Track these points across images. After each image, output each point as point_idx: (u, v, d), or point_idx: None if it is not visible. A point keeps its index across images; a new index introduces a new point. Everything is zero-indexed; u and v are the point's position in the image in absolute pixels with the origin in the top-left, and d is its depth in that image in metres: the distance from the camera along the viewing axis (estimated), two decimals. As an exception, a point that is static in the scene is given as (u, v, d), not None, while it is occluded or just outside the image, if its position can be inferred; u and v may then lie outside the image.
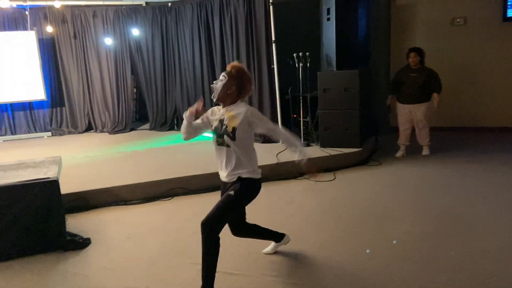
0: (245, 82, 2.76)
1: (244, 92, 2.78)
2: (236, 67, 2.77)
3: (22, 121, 8.91)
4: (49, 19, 8.48)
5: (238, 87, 2.73)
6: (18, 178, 3.59)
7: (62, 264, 3.32)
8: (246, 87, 2.77)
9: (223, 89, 2.73)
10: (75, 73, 9.02)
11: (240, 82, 2.73)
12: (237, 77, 2.74)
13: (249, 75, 2.80)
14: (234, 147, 2.70)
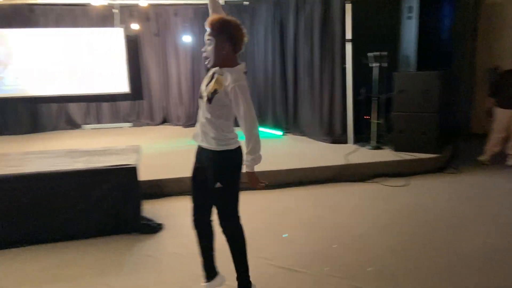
0: (234, 32, 2.34)
1: (238, 44, 2.37)
2: (215, 21, 2.34)
3: (106, 112, 9.62)
4: (135, 17, 9.06)
5: (230, 41, 2.34)
6: (103, 163, 3.89)
7: (137, 245, 3.54)
8: (236, 36, 2.35)
9: (217, 53, 2.35)
10: (155, 69, 9.54)
11: (228, 34, 2.33)
12: (222, 31, 2.33)
13: (234, 21, 2.36)
14: (209, 109, 2.39)
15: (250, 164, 2.38)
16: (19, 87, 8.78)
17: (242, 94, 2.30)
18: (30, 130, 9.00)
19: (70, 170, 3.69)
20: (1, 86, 8.69)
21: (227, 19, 2.36)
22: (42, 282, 2.97)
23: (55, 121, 9.31)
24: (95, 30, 9.02)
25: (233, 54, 2.39)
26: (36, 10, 8.75)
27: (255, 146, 2.36)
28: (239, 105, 2.31)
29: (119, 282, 2.94)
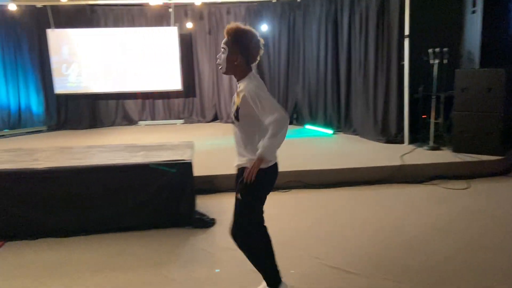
0: (248, 44, 2.26)
1: (253, 55, 2.30)
2: (231, 30, 2.28)
3: (160, 109, 9.94)
4: (189, 16, 9.29)
5: (243, 53, 2.27)
6: (160, 157, 4.02)
7: (191, 239, 3.62)
8: (250, 48, 2.27)
9: (228, 62, 2.31)
10: (207, 67, 9.72)
11: (242, 46, 2.26)
12: (236, 42, 2.27)
13: (250, 32, 2.28)
14: (239, 127, 2.37)
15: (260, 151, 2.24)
16: (82, 85, 9.28)
17: (256, 93, 2.22)
18: (90, 125, 9.49)
19: (129, 163, 3.84)
20: (65, 83, 9.22)
21: (243, 29, 2.30)
22: (102, 269, 3.11)
23: (113, 117, 9.76)
24: (150, 29, 9.33)
25: (246, 65, 2.32)
26: (98, 11, 9.20)
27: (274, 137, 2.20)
28: (257, 106, 2.21)
29: (175, 273, 3.02)
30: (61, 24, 9.01)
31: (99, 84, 9.35)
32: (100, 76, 9.34)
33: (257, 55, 2.33)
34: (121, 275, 3.03)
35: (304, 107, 8.69)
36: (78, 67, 9.22)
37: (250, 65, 2.34)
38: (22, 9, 8.51)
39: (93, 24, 9.21)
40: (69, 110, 9.54)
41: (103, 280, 2.94)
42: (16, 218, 3.68)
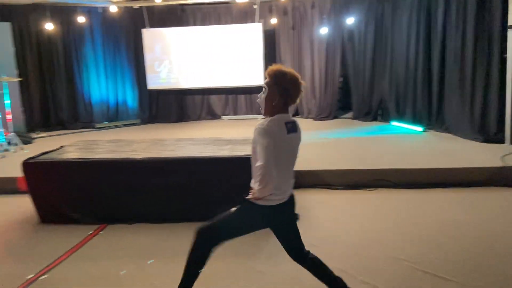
0: (287, 86, 2.27)
1: (292, 98, 2.30)
2: (271, 72, 2.31)
3: (242, 104, 10.18)
4: (273, 12, 9.37)
5: (283, 95, 2.27)
6: (246, 151, 4.10)
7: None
8: (290, 90, 2.28)
9: (267, 103, 2.31)
10: (289, 62, 9.72)
11: (282, 88, 2.26)
12: (276, 84, 2.28)
13: (291, 75, 2.29)
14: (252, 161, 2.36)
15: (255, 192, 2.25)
16: (171, 81, 9.84)
17: (260, 136, 2.19)
18: (177, 119, 10.04)
19: (218, 156, 3.99)
20: (157, 79, 9.85)
21: (284, 71, 2.30)
22: (193, 256, 3.28)
23: (198, 111, 10.21)
24: (236, 26, 9.57)
25: (282, 106, 2.31)
26: (187, 10, 9.67)
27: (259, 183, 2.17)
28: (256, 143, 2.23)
29: (261, 265, 3.09)
30: (155, 23, 9.62)
31: (187, 80, 9.84)
32: (188, 72, 9.82)
33: (295, 98, 2.32)
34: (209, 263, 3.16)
35: (391, 103, 8.32)
36: (169, 64, 9.79)
37: (287, 107, 2.33)
38: (121, 11, 9.23)
39: (183, 23, 9.71)
40: (160, 105, 10.19)
41: (193, 266, 3.10)
42: (117, 204, 4.02)
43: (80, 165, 4.02)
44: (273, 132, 2.20)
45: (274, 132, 2.21)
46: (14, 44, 8.48)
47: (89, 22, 9.31)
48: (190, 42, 9.66)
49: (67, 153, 4.37)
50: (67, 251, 3.41)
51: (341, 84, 9.98)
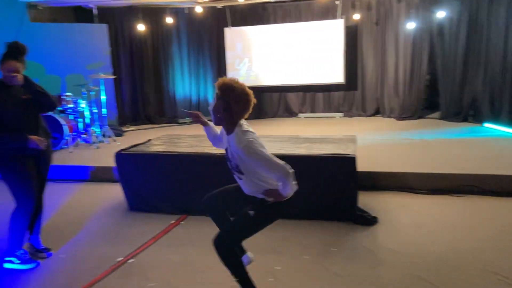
0: (231, 102, 2.24)
1: (235, 115, 2.28)
2: (220, 85, 2.27)
3: (320, 101, 10.05)
4: (356, 8, 9.10)
5: (226, 109, 2.26)
6: (323, 150, 4.06)
7: (352, 235, 3.57)
8: (233, 108, 2.25)
9: (214, 114, 2.33)
10: (371, 59, 9.40)
11: (225, 103, 2.25)
12: (222, 97, 2.27)
13: (239, 91, 2.25)
14: (247, 176, 2.38)
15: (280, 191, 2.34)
16: (250, 78, 10.01)
17: (251, 149, 2.23)
18: (254, 116, 10.19)
19: (294, 154, 3.98)
20: (237, 77, 10.02)
21: (232, 87, 2.27)
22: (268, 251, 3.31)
23: (275, 108, 10.28)
24: (316, 23, 9.46)
25: (230, 119, 2.32)
26: (268, 8, 9.76)
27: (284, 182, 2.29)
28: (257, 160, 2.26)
29: (337, 267, 3.02)
30: (236, 22, 9.86)
31: (265, 77, 9.96)
32: (266, 69, 9.93)
33: (242, 114, 2.32)
34: (285, 260, 3.17)
35: (484, 103, 7.66)
36: (249, 62, 9.98)
37: (234, 122, 2.33)
38: (205, 11, 9.59)
39: (264, 21, 9.82)
40: (238, 102, 10.43)
41: (268, 262, 3.13)
42: (197, 196, 4.18)
43: (165, 157, 4.26)
44: (256, 140, 2.28)
45: (256, 139, 2.29)
46: (110, 44, 9.23)
47: (176, 22, 9.82)
48: (270, 40, 9.75)
49: (153, 146, 4.66)
50: (151, 238, 3.64)
51: (428, 82, 9.41)
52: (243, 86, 2.33)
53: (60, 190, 5.18)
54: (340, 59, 9.36)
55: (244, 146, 2.24)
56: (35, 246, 3.35)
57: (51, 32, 8.33)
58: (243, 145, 2.24)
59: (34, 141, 3.01)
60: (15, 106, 3.03)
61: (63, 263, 3.24)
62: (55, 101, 3.27)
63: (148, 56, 10.06)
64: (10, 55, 3.00)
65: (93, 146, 7.14)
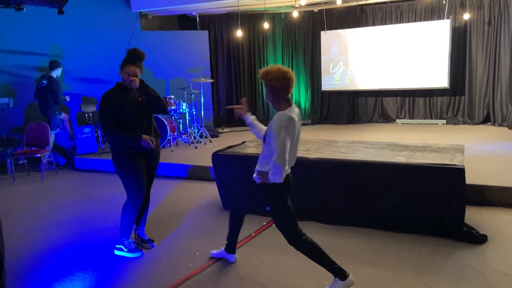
0: (271, 82, 2.65)
1: (280, 91, 2.66)
2: (260, 74, 2.70)
3: (420, 107, 9.44)
4: (465, 7, 8.40)
5: (273, 91, 2.68)
6: (425, 159, 3.79)
7: (457, 253, 3.27)
8: (275, 86, 2.65)
9: (268, 100, 2.78)
10: (482, 62, 8.59)
11: (268, 86, 2.68)
12: (265, 82, 2.70)
13: (274, 72, 2.65)
14: (264, 147, 2.79)
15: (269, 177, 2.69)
16: (345, 82, 9.80)
17: (277, 125, 2.60)
18: (348, 121, 9.95)
19: (393, 162, 3.78)
20: (331, 81, 9.94)
21: (268, 71, 2.68)
22: (362, 262, 3.18)
23: (370, 114, 9.92)
24: (419, 25, 8.93)
25: (281, 99, 2.69)
26: (366, 10, 9.47)
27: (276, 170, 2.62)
28: (272, 135, 2.62)
29: (440, 285, 2.79)
30: (333, 25, 9.73)
31: (360, 81, 9.65)
32: (362, 73, 9.62)
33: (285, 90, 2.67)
34: (381, 273, 3.02)
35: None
36: (344, 65, 9.76)
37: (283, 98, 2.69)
38: (301, 15, 9.61)
39: (362, 24, 9.54)
40: (331, 106, 10.26)
41: (362, 274, 3.01)
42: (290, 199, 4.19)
43: (259, 160, 4.32)
44: (291, 126, 2.61)
45: (292, 125, 2.61)
46: (210, 49, 9.71)
47: (272, 27, 9.99)
48: (368, 43, 9.43)
49: (248, 148, 4.78)
50: (244, 238, 3.72)
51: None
52: (278, 66, 2.72)
53: (161, 186, 5.56)
54: (445, 62, 8.70)
55: (278, 122, 2.61)
56: (141, 236, 3.63)
57: (159, 39, 9.04)
58: (278, 122, 2.61)
59: (146, 140, 3.27)
60: (132, 108, 3.32)
61: (165, 254, 3.46)
62: (166, 104, 3.52)
63: (244, 60, 10.38)
64: (130, 60, 3.29)
65: (191, 146, 7.56)
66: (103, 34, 8.31)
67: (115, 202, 4.88)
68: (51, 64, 6.86)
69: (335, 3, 8.60)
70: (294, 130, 2.65)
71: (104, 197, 5.25)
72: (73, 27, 7.90)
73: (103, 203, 5.01)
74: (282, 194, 2.79)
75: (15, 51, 7.43)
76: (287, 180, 2.75)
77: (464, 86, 8.89)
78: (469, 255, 3.21)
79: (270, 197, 2.82)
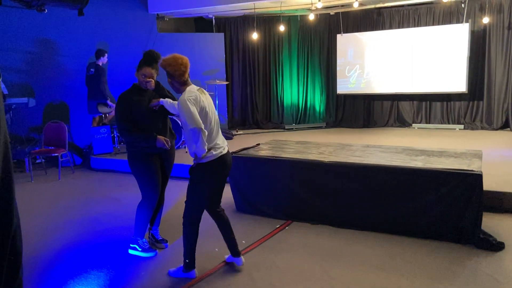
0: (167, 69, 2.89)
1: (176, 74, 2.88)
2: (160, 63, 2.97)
3: (437, 112, 9.31)
4: (484, 11, 8.27)
5: (169, 76, 2.92)
6: (442, 165, 3.73)
7: (473, 260, 3.21)
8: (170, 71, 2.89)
9: (170, 86, 3.01)
10: (501, 66, 8.44)
11: (167, 72, 2.91)
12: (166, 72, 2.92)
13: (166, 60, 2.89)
14: (184, 133, 2.98)
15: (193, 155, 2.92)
16: (360, 85, 9.73)
17: (183, 107, 2.80)
18: (363, 124, 9.86)
19: (409, 167, 3.73)
20: (346, 84, 9.88)
21: (163, 58, 2.92)
22: (374, 267, 3.15)
23: (386, 118, 9.81)
24: (437, 28, 8.81)
25: (181, 82, 2.93)
26: (383, 13, 9.39)
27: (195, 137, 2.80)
28: (181, 116, 2.83)
29: (453, 294, 2.75)
30: (349, 28, 9.67)
31: (376, 85, 9.57)
32: (378, 77, 9.53)
33: (178, 72, 2.88)
34: (394, 278, 2.98)
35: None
36: (360, 69, 9.70)
37: (184, 81, 2.93)
38: (317, 17, 9.59)
39: (379, 27, 9.47)
40: (346, 109, 10.20)
41: (376, 278, 2.98)
42: (302, 203, 4.18)
43: (272, 162, 4.32)
44: (192, 97, 2.82)
45: (193, 96, 2.82)
46: (225, 51, 9.75)
47: (288, 30, 9.99)
48: (384, 46, 9.35)
49: (262, 151, 4.77)
50: (257, 240, 3.72)
51: None
52: (173, 54, 2.92)
53: (175, 187, 5.59)
54: (463, 67, 8.57)
55: (180, 99, 2.82)
56: (155, 236, 3.66)
57: (175, 41, 9.12)
58: (180, 100, 2.83)
59: (161, 141, 3.30)
60: (148, 109, 3.36)
61: (178, 255, 3.48)
62: None
63: (259, 63, 10.39)
64: (146, 62, 3.33)
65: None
66: (121, 36, 8.43)
67: (130, 202, 4.93)
68: (97, 53, 7.27)
69: (352, 6, 8.55)
70: (196, 99, 2.84)
71: (119, 196, 5.31)
72: (92, 29, 8.02)
73: (118, 202, 5.07)
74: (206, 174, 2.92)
75: (34, 52, 7.59)
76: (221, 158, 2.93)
77: (482, 90, 8.74)
78: (486, 263, 3.15)
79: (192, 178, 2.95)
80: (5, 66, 7.19)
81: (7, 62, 7.26)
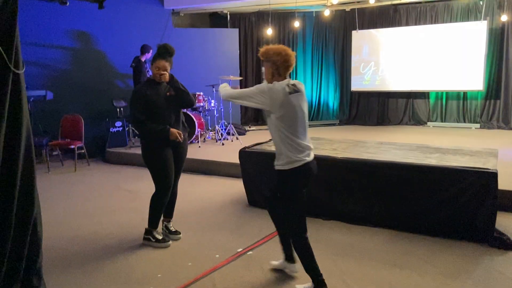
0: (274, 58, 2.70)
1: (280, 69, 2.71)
2: (261, 53, 2.78)
3: (453, 110, 9.20)
4: (503, 8, 8.12)
5: (272, 67, 2.72)
6: (457, 162, 3.70)
7: (487, 258, 3.19)
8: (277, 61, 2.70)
9: (266, 76, 2.79)
10: (520, 64, 8.29)
11: (271, 62, 2.72)
12: (267, 60, 2.74)
13: (274, 49, 2.72)
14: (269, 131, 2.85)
15: None
16: (375, 83, 9.67)
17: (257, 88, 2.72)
18: (377, 122, 9.80)
19: (423, 164, 3.71)
20: (361, 81, 9.82)
21: (269, 47, 2.76)
22: (386, 263, 3.14)
23: (400, 115, 9.74)
24: (454, 25, 8.70)
25: (278, 76, 2.72)
26: (400, 10, 9.30)
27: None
28: None
29: (465, 291, 2.74)
30: (365, 25, 9.60)
31: (391, 82, 9.49)
32: (393, 74, 9.46)
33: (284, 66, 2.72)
34: (406, 274, 2.98)
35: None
36: (375, 66, 9.63)
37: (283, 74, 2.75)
38: (332, 14, 9.54)
39: (395, 23, 9.38)
40: (360, 107, 10.14)
41: (388, 275, 2.98)
42: (315, 198, 4.18)
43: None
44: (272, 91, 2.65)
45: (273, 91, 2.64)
46: (239, 47, 9.77)
47: (302, 26, 9.96)
48: (400, 43, 9.27)
49: (275, 146, 4.78)
50: (269, 234, 3.74)
51: None
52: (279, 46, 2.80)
53: (188, 180, 5.66)
54: (480, 65, 8.45)
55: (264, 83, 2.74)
56: (168, 228, 3.71)
57: (190, 36, 9.16)
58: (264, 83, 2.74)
59: (174, 134, 3.34)
60: (161, 101, 3.40)
61: (191, 246, 3.53)
62: (194, 100, 3.58)
63: (274, 59, 10.37)
64: (160, 55, 3.37)
65: (218, 143, 7.64)
66: (136, 31, 8.50)
67: (143, 194, 5.00)
68: (142, 49, 7.50)
69: (368, 2, 8.49)
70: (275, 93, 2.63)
71: (133, 189, 5.39)
72: (108, 24, 8.11)
73: (131, 194, 5.14)
74: (295, 182, 2.67)
75: (52, 45, 7.70)
76: (303, 167, 2.65)
77: (500, 89, 8.60)
78: (500, 262, 3.13)
79: (280, 184, 2.73)
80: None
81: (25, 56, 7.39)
